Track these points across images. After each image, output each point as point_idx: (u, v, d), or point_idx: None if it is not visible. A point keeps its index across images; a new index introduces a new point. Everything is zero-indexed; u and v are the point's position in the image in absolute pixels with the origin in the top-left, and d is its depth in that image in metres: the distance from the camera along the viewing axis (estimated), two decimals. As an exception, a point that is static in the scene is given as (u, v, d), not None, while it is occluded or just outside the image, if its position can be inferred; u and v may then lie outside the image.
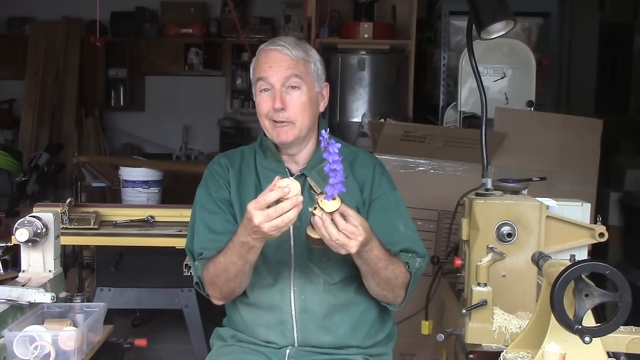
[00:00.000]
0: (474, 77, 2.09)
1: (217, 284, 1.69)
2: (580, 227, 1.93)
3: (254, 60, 1.79)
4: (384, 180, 1.81)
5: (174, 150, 6.89)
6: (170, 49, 6.79)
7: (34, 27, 6.62)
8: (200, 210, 1.78)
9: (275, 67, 1.71)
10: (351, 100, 4.18)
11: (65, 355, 1.57)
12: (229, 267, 1.63)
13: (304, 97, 1.72)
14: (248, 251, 1.58)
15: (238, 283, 1.68)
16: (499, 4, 2.04)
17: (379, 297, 1.74)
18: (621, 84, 5.70)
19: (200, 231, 1.75)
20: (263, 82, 1.73)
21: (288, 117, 1.71)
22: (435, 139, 2.89)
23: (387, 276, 1.65)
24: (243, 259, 1.60)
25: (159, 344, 3.70)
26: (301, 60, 1.74)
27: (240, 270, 1.63)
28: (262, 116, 1.75)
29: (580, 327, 1.35)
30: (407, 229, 1.77)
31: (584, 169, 2.99)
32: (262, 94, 1.73)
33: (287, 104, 1.70)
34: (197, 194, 1.81)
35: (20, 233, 1.80)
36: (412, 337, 2.61)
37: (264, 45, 1.78)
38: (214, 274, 1.67)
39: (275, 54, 1.73)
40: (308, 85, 1.74)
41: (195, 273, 1.75)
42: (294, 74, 1.71)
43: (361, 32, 4.23)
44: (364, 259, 1.60)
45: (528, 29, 3.92)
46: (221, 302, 1.77)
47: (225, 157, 1.85)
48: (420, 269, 1.74)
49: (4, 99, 6.69)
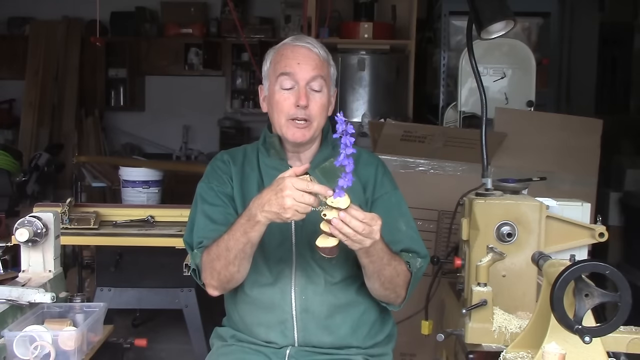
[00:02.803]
0: (474, 77, 2.09)
1: (216, 269, 1.65)
2: (580, 227, 1.93)
3: (274, 54, 1.76)
4: (386, 179, 1.81)
5: (174, 150, 6.90)
6: (170, 49, 6.80)
7: (34, 27, 6.62)
8: (202, 202, 1.76)
9: (303, 65, 1.70)
10: (351, 100, 4.18)
11: (65, 355, 1.57)
12: (231, 245, 1.60)
13: (324, 99, 1.73)
14: (252, 227, 1.55)
15: (237, 268, 1.64)
16: (499, 4, 2.05)
17: (381, 298, 1.74)
18: (621, 84, 5.70)
19: (201, 222, 1.73)
20: (287, 77, 1.70)
21: (309, 115, 1.70)
22: (435, 139, 2.89)
23: (390, 274, 1.65)
24: (246, 235, 1.57)
25: (159, 344, 3.70)
26: (326, 62, 1.75)
27: (241, 250, 1.60)
28: (280, 113, 1.72)
29: (580, 327, 1.35)
30: (409, 229, 1.77)
31: (584, 169, 2.99)
32: (283, 92, 1.71)
33: (309, 102, 1.70)
34: (198, 188, 1.80)
35: (20, 233, 1.80)
36: (412, 337, 2.61)
37: (288, 40, 1.76)
38: (215, 255, 1.64)
39: (304, 51, 1.72)
40: (327, 88, 1.74)
41: (193, 261, 1.72)
42: (320, 74, 1.71)
43: (361, 32, 4.23)
44: (371, 256, 1.59)
45: (528, 29, 3.93)
46: (217, 293, 1.72)
47: (227, 154, 1.84)
48: (421, 269, 1.74)
49: (4, 99, 6.69)
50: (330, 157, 1.75)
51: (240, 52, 6.80)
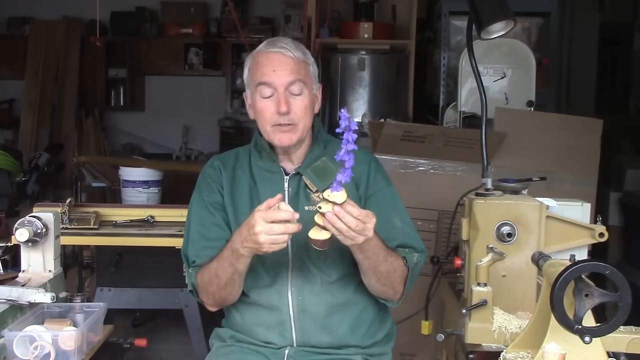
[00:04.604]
0: (474, 77, 2.09)
1: (210, 291, 1.70)
2: (580, 227, 1.93)
3: (251, 62, 1.75)
4: (379, 176, 1.80)
5: (174, 150, 6.89)
6: (170, 49, 6.79)
7: (34, 27, 6.61)
8: (194, 215, 1.79)
9: (279, 71, 1.69)
10: (351, 100, 4.18)
11: (65, 355, 1.57)
12: (220, 274, 1.65)
13: (306, 101, 1.72)
14: (237, 259, 1.59)
15: (229, 291, 1.69)
16: (499, 4, 2.04)
17: (379, 294, 1.73)
18: (621, 84, 5.71)
19: (194, 237, 1.77)
20: (266, 87, 1.70)
21: (292, 119, 1.70)
22: (435, 139, 2.89)
23: (386, 269, 1.65)
24: (232, 267, 1.61)
25: (159, 344, 3.70)
26: (302, 62, 1.73)
27: (230, 279, 1.65)
28: (264, 121, 1.72)
29: (580, 327, 1.35)
30: (404, 225, 1.77)
31: (584, 169, 2.99)
32: (264, 101, 1.71)
33: (290, 107, 1.69)
34: (192, 198, 1.82)
35: (20, 233, 1.80)
36: (412, 337, 2.61)
37: (262, 46, 1.75)
38: (207, 280, 1.69)
39: (278, 57, 1.71)
40: (309, 89, 1.73)
41: (189, 280, 1.76)
42: (297, 79, 1.70)
43: (361, 32, 4.23)
44: (365, 252, 1.59)
45: (528, 29, 3.92)
46: (215, 309, 1.77)
47: (218, 160, 1.84)
48: (419, 264, 1.73)
49: (4, 99, 6.68)
50: (321, 156, 1.77)
51: (240, 52, 6.79)
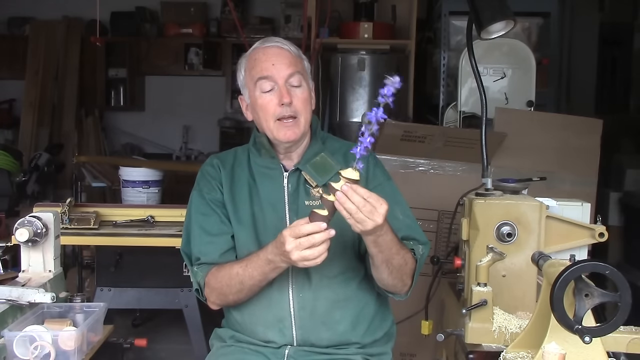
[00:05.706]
0: (474, 77, 2.09)
1: (226, 293, 1.71)
2: (580, 227, 1.93)
3: (247, 61, 1.77)
4: (378, 171, 1.81)
5: (174, 150, 6.89)
6: (170, 49, 6.78)
7: (34, 27, 6.61)
8: (195, 212, 1.79)
9: (278, 64, 1.71)
10: (351, 100, 4.17)
11: (65, 355, 1.58)
12: (246, 281, 1.65)
13: (305, 93, 1.74)
14: (272, 270, 1.61)
15: (247, 295, 1.70)
16: (499, 4, 2.05)
17: (388, 287, 1.73)
18: (621, 84, 5.71)
19: (196, 234, 1.76)
20: (266, 81, 1.71)
21: (295, 111, 1.71)
22: (435, 139, 2.89)
23: (399, 263, 1.65)
24: (264, 275, 1.63)
25: (159, 344, 3.70)
26: (299, 57, 1.76)
27: (255, 285, 1.66)
28: (267, 116, 1.72)
29: (580, 327, 1.35)
30: (406, 217, 1.77)
31: (584, 169, 2.99)
32: (265, 95, 1.72)
33: (292, 98, 1.70)
34: (191, 196, 1.82)
35: (20, 233, 1.81)
36: (412, 337, 2.62)
37: (258, 44, 1.77)
38: (225, 284, 1.69)
39: (276, 50, 1.73)
40: (307, 82, 1.75)
41: (194, 279, 1.76)
42: (296, 70, 1.72)
43: (361, 32, 4.23)
44: (380, 245, 1.58)
45: (528, 29, 3.92)
46: (218, 307, 1.78)
47: (217, 158, 1.85)
48: (424, 255, 1.75)
49: (4, 99, 6.68)
50: (320, 151, 1.78)
51: (241, 52, 6.70)
